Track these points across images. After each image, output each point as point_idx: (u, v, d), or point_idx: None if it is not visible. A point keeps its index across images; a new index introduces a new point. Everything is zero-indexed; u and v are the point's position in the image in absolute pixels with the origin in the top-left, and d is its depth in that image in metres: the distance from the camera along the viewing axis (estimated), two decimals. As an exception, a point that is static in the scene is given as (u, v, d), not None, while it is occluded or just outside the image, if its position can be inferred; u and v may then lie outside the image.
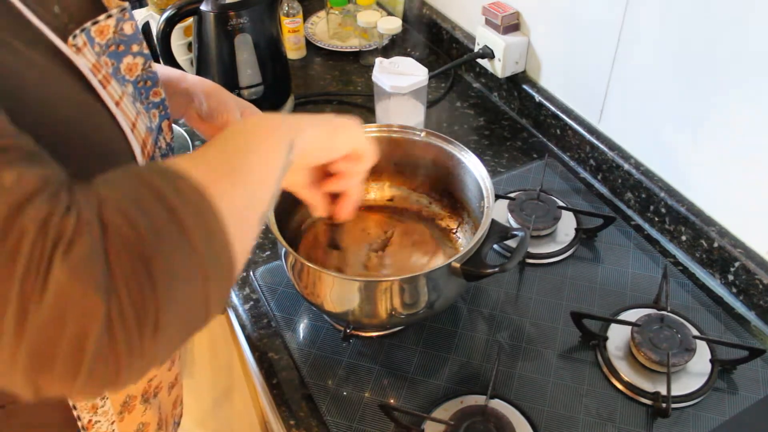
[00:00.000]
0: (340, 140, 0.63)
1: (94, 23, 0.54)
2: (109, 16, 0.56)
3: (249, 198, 0.47)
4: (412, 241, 0.93)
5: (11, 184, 0.34)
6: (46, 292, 0.33)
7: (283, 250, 0.79)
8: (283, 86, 1.23)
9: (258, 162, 0.49)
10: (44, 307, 0.33)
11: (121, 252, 0.35)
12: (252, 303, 0.93)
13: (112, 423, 0.69)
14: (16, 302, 0.32)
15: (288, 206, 0.91)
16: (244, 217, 0.45)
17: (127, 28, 0.58)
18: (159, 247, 0.36)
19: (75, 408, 0.64)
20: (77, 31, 0.52)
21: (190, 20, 1.17)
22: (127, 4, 0.59)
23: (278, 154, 0.53)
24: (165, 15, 1.08)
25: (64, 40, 0.51)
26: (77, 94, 0.52)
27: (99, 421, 0.67)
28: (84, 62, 0.52)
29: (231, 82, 1.15)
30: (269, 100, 1.20)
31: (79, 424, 0.65)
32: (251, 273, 0.96)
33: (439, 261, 0.90)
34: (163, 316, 0.36)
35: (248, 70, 1.14)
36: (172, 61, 1.15)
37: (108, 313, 0.34)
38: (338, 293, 0.77)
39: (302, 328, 0.89)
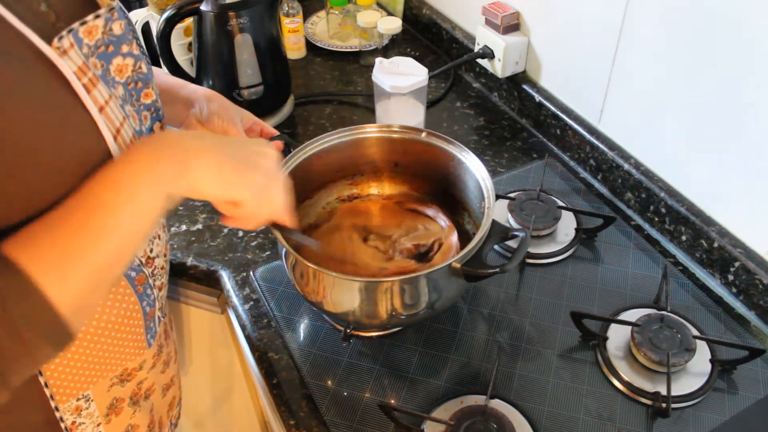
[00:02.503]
0: (222, 191, 0.58)
1: (82, 23, 0.53)
2: (98, 17, 0.54)
3: (102, 279, 0.52)
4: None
5: None
6: None
7: (284, 250, 0.79)
8: (283, 86, 1.23)
9: (117, 242, 0.52)
10: None
11: None
12: (252, 303, 0.93)
13: (98, 425, 0.68)
14: None
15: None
16: (92, 300, 0.53)
17: (116, 28, 0.57)
18: (0, 370, 0.47)
19: (57, 409, 0.63)
20: (64, 33, 0.51)
21: (190, 20, 1.17)
22: (115, 4, 0.57)
23: (145, 220, 0.53)
24: (165, 15, 1.08)
25: (49, 41, 0.50)
26: (58, 99, 0.51)
27: (83, 423, 0.67)
28: (69, 65, 0.51)
29: (231, 82, 1.15)
30: (269, 100, 1.20)
31: (62, 425, 0.65)
32: (251, 273, 0.96)
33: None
34: (2, 400, 0.49)
35: (248, 70, 1.14)
36: (172, 61, 1.15)
37: None
38: (338, 293, 0.77)
39: (302, 328, 0.89)
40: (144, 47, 0.64)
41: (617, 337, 0.85)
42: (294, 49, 1.42)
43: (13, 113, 0.47)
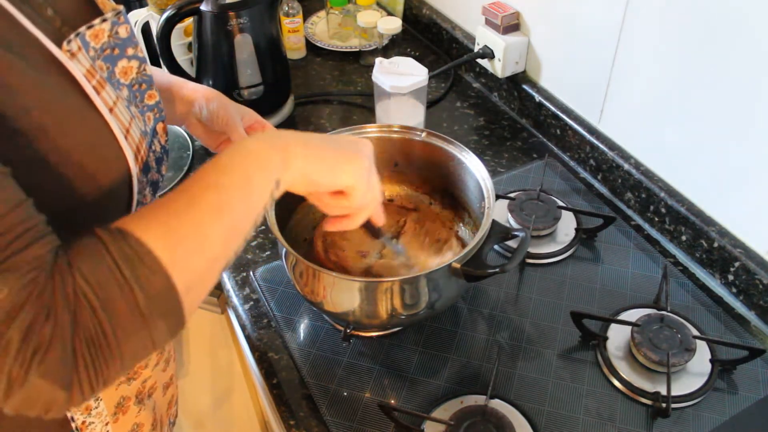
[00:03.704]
0: (332, 178, 0.59)
1: (89, 27, 0.54)
2: (104, 20, 0.55)
3: (215, 257, 0.51)
4: (425, 229, 0.93)
5: (2, 296, 0.42)
6: (24, 387, 0.43)
7: (284, 250, 0.79)
8: (283, 86, 1.23)
9: (230, 222, 0.51)
10: (22, 394, 0.44)
11: (85, 349, 0.45)
12: (252, 303, 0.93)
13: (107, 424, 0.69)
14: (3, 387, 0.43)
15: (289, 206, 0.91)
16: (205, 280, 0.51)
17: (122, 32, 0.58)
18: (117, 339, 0.45)
19: (68, 409, 0.64)
20: (72, 36, 0.52)
21: (190, 20, 1.17)
22: (122, 8, 0.59)
23: (256, 203, 0.53)
24: (165, 15, 1.08)
25: (59, 45, 0.51)
26: (72, 100, 0.52)
27: (93, 422, 0.67)
28: (78, 68, 0.52)
29: (231, 82, 1.15)
30: (269, 100, 1.20)
31: (73, 425, 0.65)
32: (251, 273, 0.96)
33: (452, 247, 0.90)
34: (112, 379, 0.47)
35: (248, 70, 1.14)
36: (172, 61, 1.15)
37: (68, 399, 0.45)
38: (338, 293, 0.77)
39: (302, 328, 0.89)
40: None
41: (617, 337, 0.85)
42: (294, 49, 1.42)
43: (37, 114, 0.48)
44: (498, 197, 1.02)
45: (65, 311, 0.44)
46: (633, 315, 0.86)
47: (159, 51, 1.12)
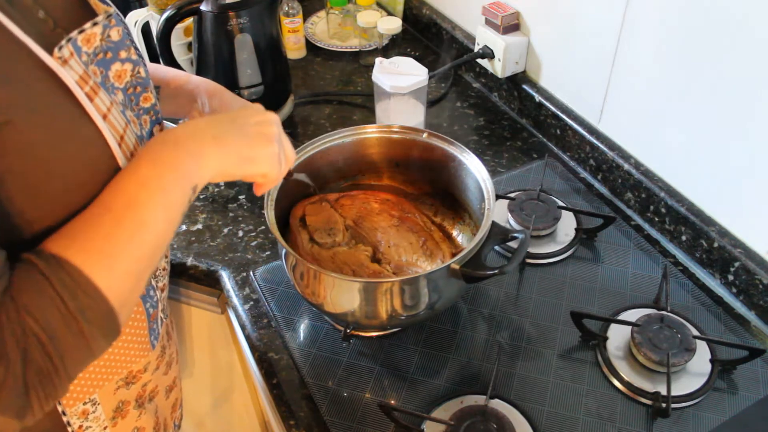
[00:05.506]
0: (246, 170, 0.63)
1: (81, 32, 0.53)
2: (95, 24, 0.54)
3: (142, 272, 0.54)
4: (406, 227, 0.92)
5: None
6: None
7: (283, 250, 0.79)
8: (283, 86, 1.23)
9: (154, 236, 0.54)
10: None
11: (36, 380, 0.48)
12: (252, 303, 0.93)
13: (105, 428, 0.69)
14: None
15: (288, 206, 0.91)
16: (136, 292, 0.55)
17: (114, 35, 0.57)
18: (64, 364, 0.49)
19: (65, 414, 0.64)
20: (63, 42, 0.51)
21: (190, 20, 1.17)
22: (112, 11, 0.57)
23: (175, 213, 0.57)
24: (165, 15, 1.08)
25: (50, 51, 0.49)
26: (62, 110, 0.51)
27: (90, 427, 0.67)
28: (71, 74, 0.51)
29: (231, 82, 1.15)
30: (269, 100, 1.20)
31: (70, 429, 0.65)
32: (251, 273, 0.96)
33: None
34: (61, 395, 0.51)
35: (248, 70, 1.14)
36: (172, 61, 1.15)
37: (21, 424, 0.51)
38: (338, 294, 0.77)
39: (302, 328, 0.89)
40: (141, 52, 0.64)
41: (617, 337, 0.85)
42: (294, 49, 1.42)
43: (23, 126, 0.48)
44: (498, 197, 1.02)
45: (15, 350, 0.46)
46: (633, 315, 0.86)
47: (159, 51, 1.12)
